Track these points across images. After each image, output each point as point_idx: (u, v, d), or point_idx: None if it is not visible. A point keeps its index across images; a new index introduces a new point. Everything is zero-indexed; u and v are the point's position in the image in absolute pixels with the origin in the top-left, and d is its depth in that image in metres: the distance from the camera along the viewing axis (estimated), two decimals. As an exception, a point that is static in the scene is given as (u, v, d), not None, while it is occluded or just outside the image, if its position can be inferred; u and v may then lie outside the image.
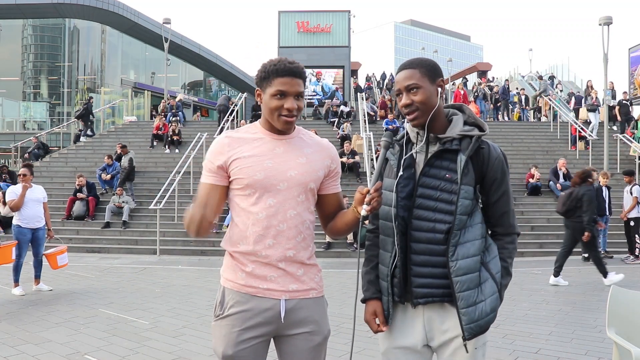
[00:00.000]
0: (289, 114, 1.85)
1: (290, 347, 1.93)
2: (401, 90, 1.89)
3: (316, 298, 1.96)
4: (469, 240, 1.85)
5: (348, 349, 4.56)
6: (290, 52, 23.57)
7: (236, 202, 1.91)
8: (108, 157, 14.27)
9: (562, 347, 4.69)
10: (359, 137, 15.82)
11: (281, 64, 1.85)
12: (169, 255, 10.98)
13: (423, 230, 1.86)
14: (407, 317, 1.94)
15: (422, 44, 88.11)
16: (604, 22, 14.66)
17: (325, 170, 1.97)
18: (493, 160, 1.88)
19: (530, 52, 43.06)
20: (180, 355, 4.48)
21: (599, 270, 7.67)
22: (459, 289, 1.81)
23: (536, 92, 22.71)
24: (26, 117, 32.90)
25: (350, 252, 10.91)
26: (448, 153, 1.87)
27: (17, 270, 7.02)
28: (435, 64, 1.94)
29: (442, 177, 1.86)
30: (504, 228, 1.95)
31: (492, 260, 1.89)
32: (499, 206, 1.92)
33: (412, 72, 1.88)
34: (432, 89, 1.88)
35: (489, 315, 1.84)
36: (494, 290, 1.87)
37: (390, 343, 1.97)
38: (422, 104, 1.86)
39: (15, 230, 7.02)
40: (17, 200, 6.90)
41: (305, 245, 1.93)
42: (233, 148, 1.89)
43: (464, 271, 1.82)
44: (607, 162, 14.60)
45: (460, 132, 1.88)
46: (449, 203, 1.84)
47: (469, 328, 1.81)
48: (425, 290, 1.86)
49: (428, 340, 1.92)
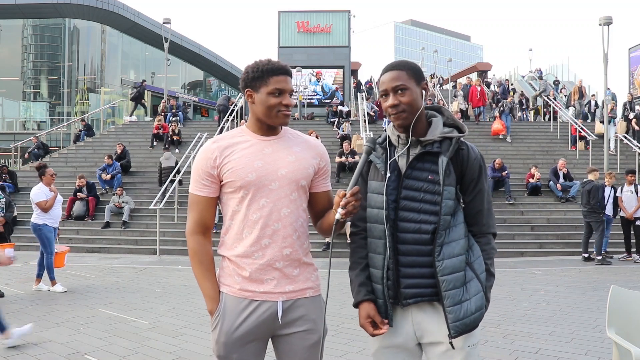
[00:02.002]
0: (287, 109, 1.93)
1: (286, 346, 1.95)
2: (388, 91, 1.91)
3: (312, 297, 1.98)
4: (453, 240, 1.88)
5: (348, 349, 4.57)
6: (290, 52, 23.59)
7: (229, 206, 1.94)
8: (108, 157, 14.27)
9: (562, 347, 4.69)
10: (358, 137, 15.84)
11: (274, 64, 1.93)
12: (169, 255, 10.97)
13: (409, 231, 1.89)
14: (396, 316, 1.95)
15: (422, 44, 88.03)
16: (604, 22, 14.66)
17: (315, 168, 2.00)
18: (472, 160, 1.92)
19: (530, 52, 43.06)
20: (180, 355, 4.48)
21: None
22: (445, 288, 1.84)
23: (536, 92, 22.69)
24: (26, 117, 32.92)
25: (350, 252, 10.90)
26: (429, 155, 1.91)
27: (51, 267, 7.23)
28: (419, 67, 1.97)
29: (425, 179, 1.89)
30: (478, 227, 1.97)
31: (477, 260, 1.93)
32: (474, 204, 1.96)
33: (399, 73, 1.90)
34: (417, 90, 1.91)
35: (474, 314, 1.86)
36: (479, 289, 1.89)
37: (381, 343, 1.98)
38: (408, 105, 1.88)
39: (42, 230, 7.17)
40: (50, 201, 7.18)
41: (301, 243, 1.96)
42: (222, 154, 1.92)
43: (450, 270, 1.85)
44: (607, 162, 14.61)
45: (440, 134, 1.91)
46: (433, 204, 1.87)
47: (454, 326, 1.83)
48: (414, 291, 1.88)
49: (418, 338, 1.94)
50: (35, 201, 7.18)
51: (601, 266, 9.57)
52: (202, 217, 1.96)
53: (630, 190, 10.20)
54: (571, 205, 12.90)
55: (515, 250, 10.90)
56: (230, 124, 17.66)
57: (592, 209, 9.85)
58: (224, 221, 1.98)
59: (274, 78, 1.90)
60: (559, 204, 13.04)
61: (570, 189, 13.05)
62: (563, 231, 11.94)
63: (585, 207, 9.97)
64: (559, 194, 13.10)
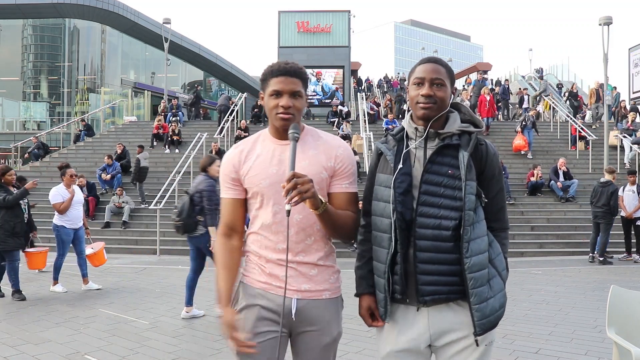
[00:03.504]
0: (284, 111, 1.88)
1: (300, 345, 1.96)
2: (425, 80, 1.90)
3: (329, 299, 1.97)
4: (479, 236, 1.86)
5: (348, 349, 4.56)
6: (290, 52, 23.56)
7: (251, 210, 2.01)
8: (108, 157, 14.27)
9: (562, 347, 4.69)
10: (359, 137, 15.85)
11: (276, 65, 1.92)
12: (169, 255, 10.98)
13: (429, 227, 1.85)
14: (408, 318, 1.91)
15: (422, 44, 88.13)
16: (604, 22, 14.66)
17: (329, 171, 1.95)
18: (491, 156, 1.92)
19: (530, 52, 43.13)
20: (180, 355, 4.48)
21: None
22: (473, 285, 1.81)
23: (536, 92, 22.69)
24: (26, 117, 32.90)
25: (350, 252, 10.91)
26: (448, 149, 1.88)
27: (58, 269, 7.23)
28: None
29: (445, 174, 1.86)
30: (501, 223, 1.96)
31: (497, 257, 1.91)
32: (497, 201, 1.94)
33: (440, 67, 1.92)
34: (449, 91, 1.93)
35: (498, 311, 1.86)
36: (501, 286, 1.89)
37: (393, 346, 1.93)
38: (441, 100, 1.90)
39: (59, 231, 7.18)
40: (66, 203, 7.15)
41: (318, 247, 1.95)
42: (242, 159, 1.97)
43: (478, 267, 1.82)
44: (606, 162, 14.60)
45: (459, 127, 1.90)
46: (453, 199, 1.84)
47: (481, 324, 1.81)
48: (432, 288, 1.84)
49: (432, 341, 1.90)
50: (51, 203, 7.22)
51: (601, 266, 9.57)
52: (227, 219, 2.02)
53: (632, 190, 10.18)
54: (571, 205, 12.90)
55: (515, 250, 10.89)
56: (231, 124, 17.66)
57: (610, 210, 9.67)
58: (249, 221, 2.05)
59: (273, 80, 1.90)
60: (559, 204, 13.05)
61: (570, 188, 13.06)
62: (563, 231, 11.94)
63: (602, 208, 9.70)
64: (559, 193, 13.10)
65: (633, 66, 24.61)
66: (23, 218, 6.85)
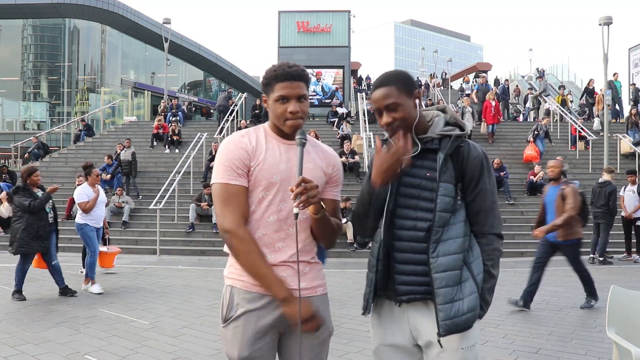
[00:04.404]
0: (293, 116, 1.86)
1: (298, 342, 1.94)
2: (380, 109, 1.92)
3: (323, 295, 2.00)
4: (450, 238, 1.87)
5: (348, 349, 4.56)
6: (290, 52, 23.55)
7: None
8: (108, 157, 14.28)
9: (562, 347, 4.68)
10: (359, 137, 15.84)
11: (280, 69, 1.87)
12: (169, 255, 10.98)
13: (405, 228, 1.91)
14: (394, 316, 1.97)
15: (422, 44, 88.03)
16: (604, 22, 14.66)
17: (327, 177, 1.99)
18: (472, 158, 1.92)
19: (530, 52, 43.14)
20: (180, 355, 4.48)
21: None
22: (438, 285, 1.84)
23: (536, 92, 22.68)
24: (26, 117, 32.88)
25: (350, 252, 10.92)
26: (429, 152, 1.92)
27: (93, 266, 7.30)
28: (410, 76, 1.95)
29: (423, 176, 1.90)
30: (479, 227, 1.95)
31: (475, 261, 1.92)
32: (475, 204, 1.94)
33: (389, 89, 1.89)
34: (410, 103, 1.91)
35: (466, 314, 1.84)
36: (474, 290, 1.88)
37: (381, 340, 1.99)
38: (403, 120, 1.90)
39: (84, 229, 7.27)
40: (91, 203, 7.26)
41: (312, 247, 1.98)
42: (254, 148, 1.89)
43: (444, 268, 1.84)
44: (606, 162, 14.59)
45: (439, 132, 1.93)
46: (430, 201, 1.88)
47: (444, 324, 1.82)
48: (407, 288, 1.90)
49: (415, 339, 1.94)
50: (77, 202, 7.33)
51: (601, 266, 9.56)
52: (242, 209, 1.85)
53: (633, 190, 10.17)
54: (571, 205, 12.86)
55: (515, 250, 10.89)
56: (230, 123, 17.66)
57: (609, 210, 9.64)
58: None
59: (278, 85, 1.86)
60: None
61: (569, 187, 13.01)
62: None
63: (601, 209, 9.66)
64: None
65: (633, 66, 24.63)
66: (47, 221, 6.82)
